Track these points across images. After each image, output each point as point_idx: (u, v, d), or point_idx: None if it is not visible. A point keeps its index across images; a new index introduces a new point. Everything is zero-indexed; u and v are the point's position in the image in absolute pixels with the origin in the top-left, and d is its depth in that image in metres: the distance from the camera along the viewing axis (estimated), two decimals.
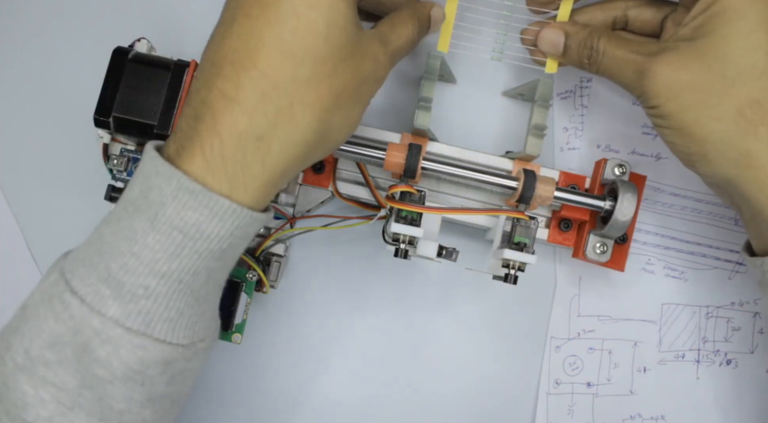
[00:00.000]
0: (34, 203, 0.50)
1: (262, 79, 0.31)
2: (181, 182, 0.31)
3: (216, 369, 0.49)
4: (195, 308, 0.33)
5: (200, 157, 0.31)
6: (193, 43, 0.40)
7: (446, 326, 0.49)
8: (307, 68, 0.32)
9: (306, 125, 0.32)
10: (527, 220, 0.42)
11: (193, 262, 0.31)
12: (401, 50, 0.38)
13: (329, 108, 0.33)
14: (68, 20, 0.51)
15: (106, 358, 0.31)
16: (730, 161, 0.37)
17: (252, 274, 0.44)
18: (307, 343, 0.49)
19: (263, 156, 0.32)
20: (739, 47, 0.36)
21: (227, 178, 0.31)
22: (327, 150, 0.35)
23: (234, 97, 0.31)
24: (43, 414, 0.31)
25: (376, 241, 0.46)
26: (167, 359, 0.32)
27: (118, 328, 0.31)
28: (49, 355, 0.31)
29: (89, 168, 0.48)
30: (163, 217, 0.31)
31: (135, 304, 0.31)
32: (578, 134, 0.50)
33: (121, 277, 0.31)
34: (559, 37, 0.42)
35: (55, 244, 0.37)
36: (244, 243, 0.34)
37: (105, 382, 0.31)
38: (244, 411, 0.49)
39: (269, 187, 0.33)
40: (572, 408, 0.49)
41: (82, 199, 0.49)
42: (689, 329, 0.50)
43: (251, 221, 0.32)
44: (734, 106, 0.36)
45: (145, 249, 0.31)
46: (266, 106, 0.31)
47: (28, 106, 0.50)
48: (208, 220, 0.31)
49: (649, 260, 0.50)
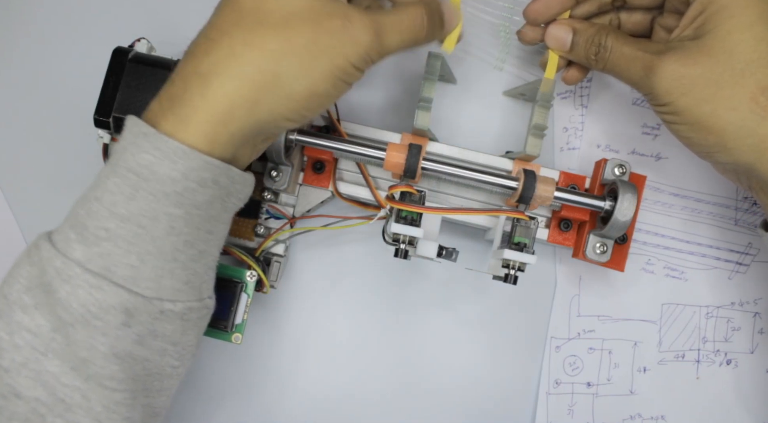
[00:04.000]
0: (34, 203, 0.50)
1: (210, 29, 0.35)
2: (140, 128, 0.33)
3: (216, 369, 0.49)
4: (159, 261, 0.33)
5: (157, 104, 0.34)
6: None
7: (446, 326, 0.49)
8: (252, 18, 0.34)
9: (247, 61, 0.33)
10: (527, 220, 0.42)
11: (149, 204, 0.33)
12: (394, 26, 0.36)
13: (275, 49, 0.33)
14: (68, 20, 0.51)
15: (66, 298, 0.32)
16: (749, 147, 0.38)
17: (252, 275, 0.44)
18: (307, 343, 0.49)
19: (203, 90, 0.33)
20: (744, 40, 0.37)
21: (174, 117, 0.33)
22: (284, 99, 0.34)
23: (190, 50, 0.35)
24: (18, 359, 0.32)
25: (376, 241, 0.46)
26: (128, 308, 0.33)
27: (77, 267, 0.32)
28: (26, 298, 0.33)
29: (89, 168, 0.48)
30: (122, 161, 0.33)
31: (97, 246, 0.33)
32: (578, 134, 0.50)
33: (85, 221, 0.33)
34: (567, 34, 0.42)
35: None
36: (204, 191, 0.34)
37: (67, 324, 0.32)
38: (244, 410, 0.49)
39: (215, 125, 0.33)
40: (572, 408, 0.49)
41: None
42: (689, 329, 0.50)
43: (204, 165, 0.33)
44: (747, 95, 0.37)
45: (105, 193, 0.33)
46: (209, 47, 0.34)
47: (28, 106, 0.50)
48: (159, 161, 0.33)
49: (649, 260, 0.50)
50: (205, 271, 0.36)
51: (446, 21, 0.40)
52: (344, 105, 0.49)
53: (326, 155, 0.45)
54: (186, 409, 0.48)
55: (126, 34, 0.44)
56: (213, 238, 0.36)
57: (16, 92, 0.50)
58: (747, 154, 0.38)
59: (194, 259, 0.35)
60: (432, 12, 0.38)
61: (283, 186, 0.44)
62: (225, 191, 0.35)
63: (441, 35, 0.41)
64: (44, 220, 0.49)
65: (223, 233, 0.37)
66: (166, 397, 0.37)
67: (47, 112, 0.50)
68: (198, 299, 0.36)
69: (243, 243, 0.46)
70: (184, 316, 0.35)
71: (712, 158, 0.40)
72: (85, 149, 0.48)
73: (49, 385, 0.33)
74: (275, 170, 0.44)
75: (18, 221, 0.50)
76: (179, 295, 0.35)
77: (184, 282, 0.35)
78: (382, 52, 0.35)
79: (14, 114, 0.50)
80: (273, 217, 0.46)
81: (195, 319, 0.36)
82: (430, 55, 0.43)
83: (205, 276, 0.37)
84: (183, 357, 0.36)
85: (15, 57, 0.51)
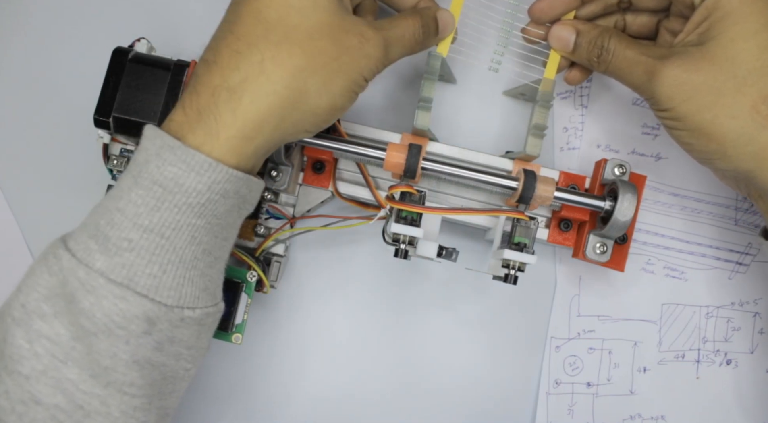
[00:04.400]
0: (34, 203, 0.50)
1: (236, 41, 0.34)
2: (164, 140, 0.33)
3: (216, 369, 0.49)
4: (180, 269, 0.34)
5: (181, 115, 0.34)
6: (193, 43, 0.40)
7: (446, 326, 0.49)
8: (278, 33, 0.34)
9: (277, 78, 0.34)
10: (527, 220, 0.42)
11: (173, 216, 0.33)
12: (398, 40, 0.38)
13: (302, 67, 0.34)
14: (68, 20, 0.51)
15: (90, 308, 0.32)
16: (749, 155, 0.38)
17: (252, 275, 0.44)
18: (307, 343, 0.49)
19: (234, 105, 0.33)
20: (747, 47, 0.37)
21: (203, 131, 0.33)
22: (308, 115, 0.35)
23: (213, 60, 0.35)
24: (38, 367, 0.33)
25: (376, 241, 0.46)
26: (150, 317, 0.33)
27: (101, 278, 0.32)
28: (45, 307, 0.33)
29: (89, 168, 0.48)
30: (146, 173, 0.33)
31: (119, 257, 0.33)
32: (578, 134, 0.50)
33: (108, 232, 0.33)
34: (570, 35, 0.42)
35: None
36: (225, 202, 0.34)
37: (90, 334, 0.32)
38: (245, 410, 0.49)
39: (243, 140, 0.34)
40: (572, 408, 0.49)
41: (81, 199, 0.48)
42: (689, 329, 0.50)
43: (229, 178, 0.33)
44: (749, 103, 0.37)
45: (129, 204, 0.33)
46: (238, 62, 0.34)
47: (28, 106, 0.50)
48: (185, 174, 0.33)
49: (649, 260, 0.50)
50: (218, 276, 0.37)
51: (441, 29, 0.41)
52: None
53: (326, 155, 0.45)
54: (186, 409, 0.48)
55: (126, 34, 0.44)
56: (227, 245, 0.37)
57: (16, 92, 0.50)
58: (747, 162, 0.38)
59: (211, 265, 0.35)
60: (428, 24, 0.40)
61: (283, 186, 0.44)
62: (243, 200, 0.35)
63: (436, 42, 0.42)
64: (44, 220, 0.50)
65: (234, 238, 0.38)
66: (177, 397, 0.37)
67: (47, 112, 0.50)
68: (214, 304, 0.36)
69: (243, 243, 0.46)
70: (202, 322, 0.35)
71: (712, 165, 0.40)
72: (85, 149, 0.48)
73: (68, 392, 0.33)
74: (275, 170, 0.44)
75: (18, 221, 0.50)
76: (198, 301, 0.35)
77: (203, 289, 0.35)
78: (387, 63, 0.38)
79: (14, 114, 0.50)
80: (273, 217, 0.46)
81: (210, 323, 0.36)
82: (430, 55, 0.43)
83: (219, 281, 0.37)
84: (195, 359, 0.37)
85: (15, 57, 0.51)
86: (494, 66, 0.44)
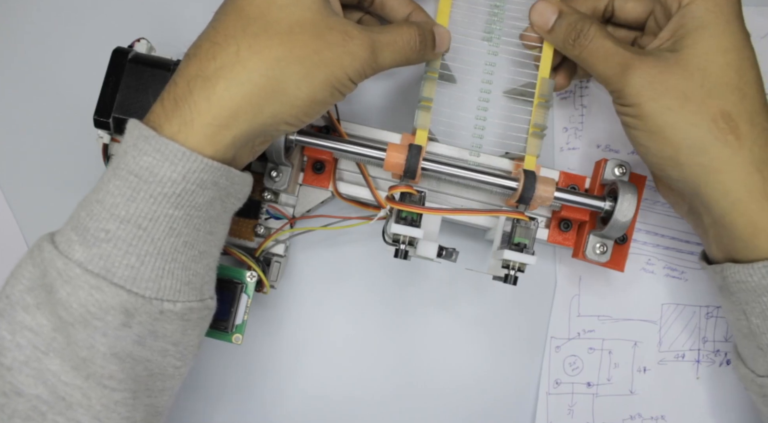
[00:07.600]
0: (33, 203, 0.50)
1: (214, 32, 0.35)
2: (141, 131, 0.34)
3: (216, 369, 0.49)
4: (159, 261, 0.34)
5: (159, 106, 0.35)
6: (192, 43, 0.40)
7: (446, 326, 0.49)
8: (257, 25, 0.35)
9: (252, 67, 0.34)
10: (527, 220, 0.42)
11: (149, 206, 0.33)
12: (389, 44, 0.38)
13: (280, 57, 0.34)
14: (68, 20, 0.51)
15: (66, 299, 0.33)
16: (699, 166, 0.38)
17: (252, 275, 0.44)
18: (307, 343, 0.49)
19: (208, 93, 0.34)
20: (717, 63, 0.38)
21: (178, 120, 0.34)
22: (287, 106, 0.35)
23: (193, 53, 0.35)
24: (20, 358, 0.33)
25: (376, 242, 0.46)
26: (127, 308, 0.33)
27: (78, 268, 0.33)
28: (28, 298, 0.33)
29: (89, 168, 0.48)
30: (123, 164, 0.34)
31: (97, 248, 0.33)
32: (578, 134, 0.50)
33: (87, 223, 0.34)
34: (552, 14, 0.42)
35: None
36: (204, 193, 0.34)
37: (68, 324, 0.33)
38: (245, 411, 0.49)
39: (218, 129, 0.34)
40: (572, 408, 0.49)
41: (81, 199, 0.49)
42: (689, 329, 0.50)
43: (204, 167, 0.33)
44: (709, 115, 0.38)
45: (107, 195, 0.34)
46: (215, 52, 0.34)
47: (27, 106, 0.50)
48: (159, 164, 0.33)
49: (649, 260, 0.50)
50: (206, 272, 0.37)
51: (437, 44, 0.42)
52: (344, 105, 0.49)
53: (326, 155, 0.45)
54: (186, 409, 0.48)
55: (126, 34, 0.44)
56: (213, 239, 0.36)
57: (16, 92, 0.50)
58: (696, 172, 0.38)
59: (194, 259, 0.35)
60: (425, 35, 0.40)
61: (283, 186, 0.44)
62: (224, 192, 0.35)
63: (432, 56, 0.42)
64: (44, 220, 0.49)
65: (223, 234, 0.38)
66: (169, 396, 0.37)
67: (47, 112, 0.50)
68: (199, 299, 0.36)
69: (243, 243, 0.46)
70: (185, 317, 0.35)
71: (664, 172, 0.40)
72: (85, 149, 0.48)
73: (49, 384, 0.33)
74: (275, 170, 0.44)
75: (18, 221, 0.50)
76: (179, 295, 0.35)
77: (185, 282, 0.35)
78: (376, 68, 0.38)
79: (14, 114, 0.50)
80: (273, 217, 0.46)
81: (196, 319, 0.36)
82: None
83: (206, 276, 0.37)
84: (185, 357, 0.37)
85: (15, 57, 0.51)
86: (489, 68, 0.45)
